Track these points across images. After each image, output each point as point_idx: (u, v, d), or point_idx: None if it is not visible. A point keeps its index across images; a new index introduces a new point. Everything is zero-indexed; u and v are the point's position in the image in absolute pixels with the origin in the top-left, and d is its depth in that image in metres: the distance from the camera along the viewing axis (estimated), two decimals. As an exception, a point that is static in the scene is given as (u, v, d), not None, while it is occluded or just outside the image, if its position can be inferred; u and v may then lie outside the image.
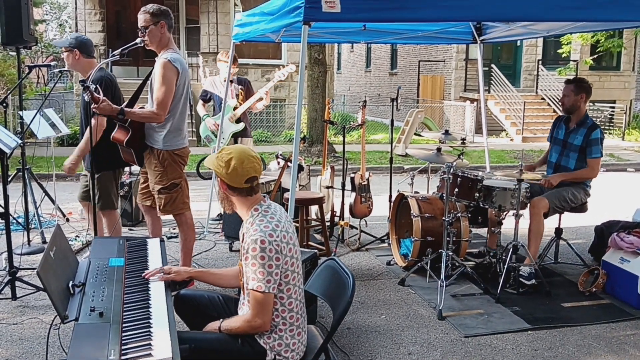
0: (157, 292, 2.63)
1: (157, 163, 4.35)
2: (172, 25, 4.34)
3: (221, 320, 2.67)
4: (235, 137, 6.45)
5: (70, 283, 2.59)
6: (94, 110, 4.11)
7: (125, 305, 2.48)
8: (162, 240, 3.31)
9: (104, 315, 2.36)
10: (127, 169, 9.19)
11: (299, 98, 3.99)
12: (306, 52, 3.97)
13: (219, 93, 6.53)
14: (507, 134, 16.93)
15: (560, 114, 5.36)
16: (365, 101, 6.19)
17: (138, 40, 4.25)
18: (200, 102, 6.75)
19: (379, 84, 24.27)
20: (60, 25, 28.48)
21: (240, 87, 6.55)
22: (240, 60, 17.63)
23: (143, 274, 2.78)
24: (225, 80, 6.34)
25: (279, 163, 5.80)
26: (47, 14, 28.07)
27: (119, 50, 4.18)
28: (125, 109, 4.20)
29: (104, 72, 4.58)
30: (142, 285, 2.70)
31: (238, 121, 6.41)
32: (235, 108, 6.38)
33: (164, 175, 4.35)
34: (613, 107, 18.16)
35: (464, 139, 5.23)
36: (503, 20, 5.45)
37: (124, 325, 2.32)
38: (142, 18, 4.24)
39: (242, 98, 6.49)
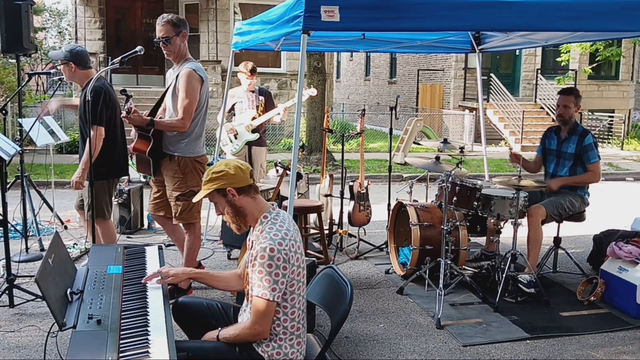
0: (155, 300, 2.63)
1: (177, 169, 4.39)
2: (187, 34, 4.44)
3: (219, 328, 2.67)
4: (250, 145, 6.50)
5: (69, 290, 2.59)
6: (123, 119, 4.21)
7: (123, 313, 2.48)
8: (160, 248, 3.31)
9: (102, 322, 2.36)
10: (125, 176, 9.24)
11: (298, 106, 4.00)
12: (305, 61, 3.99)
13: (239, 102, 6.59)
14: (506, 142, 16.95)
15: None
16: (364, 110, 6.21)
17: (138, 48, 4.24)
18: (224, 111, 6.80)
19: (378, 93, 24.33)
20: (60, 32, 28.54)
21: (261, 98, 6.61)
22: (239, 69, 17.60)
23: (142, 280, 2.78)
24: (246, 91, 6.52)
25: (277, 171, 5.81)
26: (46, 22, 28.13)
27: (119, 58, 4.18)
28: (154, 119, 4.29)
29: (102, 82, 4.56)
30: (140, 293, 2.70)
31: (254, 131, 6.48)
32: (253, 118, 6.45)
33: (183, 182, 4.39)
34: (612, 117, 18.20)
35: (462, 148, 5.23)
36: (501, 30, 5.48)
37: (121, 332, 2.32)
38: (163, 29, 4.27)
39: (262, 109, 6.55)
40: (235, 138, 6.42)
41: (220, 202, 2.68)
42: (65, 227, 6.73)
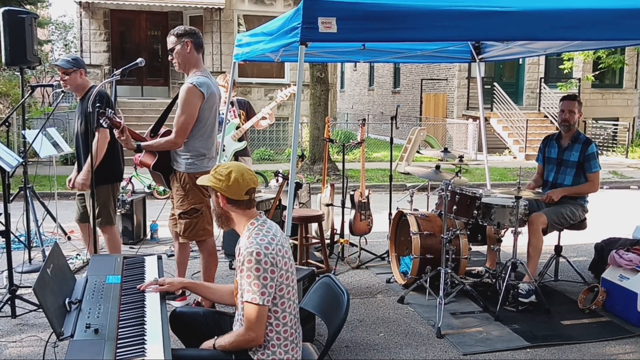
0: (153, 310, 2.65)
1: (178, 186, 4.30)
2: (200, 45, 4.31)
3: (215, 337, 2.68)
4: (236, 155, 6.52)
5: (67, 300, 2.62)
6: (117, 138, 4.19)
7: (120, 322, 2.50)
8: (159, 258, 3.33)
9: (99, 331, 2.38)
10: (129, 187, 9.30)
11: (296, 116, 4.03)
12: (303, 72, 4.03)
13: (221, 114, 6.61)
14: (510, 151, 16.94)
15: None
16: (364, 119, 6.24)
17: (139, 60, 4.29)
18: None
19: (382, 102, 24.38)
20: (66, 45, 28.77)
21: (241, 110, 6.65)
22: (244, 80, 17.70)
23: (138, 286, 2.82)
24: (225, 103, 6.42)
25: (277, 180, 5.83)
26: (52, 34, 28.35)
27: (120, 70, 4.23)
28: (142, 143, 4.23)
29: (100, 89, 4.60)
30: (138, 303, 2.72)
31: (240, 139, 6.51)
32: (238, 127, 6.47)
33: (184, 199, 4.27)
34: (616, 125, 18.18)
35: (461, 157, 5.25)
36: (499, 39, 5.50)
37: (118, 341, 2.34)
38: (169, 40, 4.28)
39: (244, 119, 6.59)
40: (223, 150, 6.41)
41: (214, 197, 2.76)
42: (69, 238, 6.76)
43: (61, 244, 6.45)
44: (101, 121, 3.98)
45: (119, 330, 2.43)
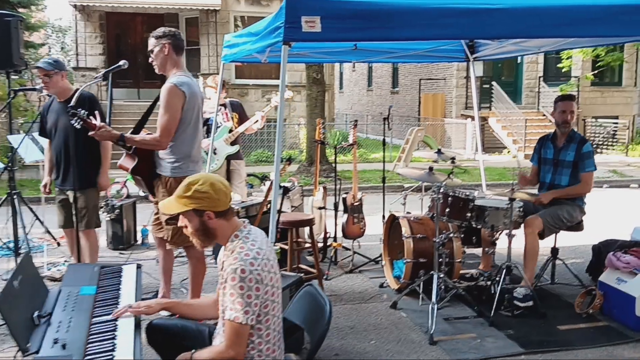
0: (125, 323, 2.53)
1: (164, 192, 4.17)
2: (180, 46, 4.21)
3: (193, 351, 2.56)
4: (229, 159, 6.42)
5: (37, 313, 2.51)
6: (93, 135, 4.00)
7: (90, 337, 2.40)
8: (139, 267, 3.22)
9: (67, 347, 2.27)
10: (124, 191, 9.19)
11: (280, 119, 3.94)
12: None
13: (211, 116, 6.50)
14: (509, 151, 16.83)
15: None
16: (356, 121, 6.16)
17: (121, 62, 4.19)
18: None
19: (380, 103, 24.25)
20: (62, 48, 28.71)
21: (234, 112, 6.55)
22: (241, 81, 17.58)
23: (112, 315, 2.60)
24: (217, 105, 6.33)
25: (264, 184, 5.74)
26: (49, 38, 28.28)
27: (102, 72, 4.14)
28: (126, 135, 4.09)
29: (85, 92, 4.45)
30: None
31: (233, 143, 6.40)
32: (230, 131, 6.37)
33: None
34: (616, 123, 18.06)
35: (453, 159, 5.14)
36: (490, 38, 5.40)
37: (86, 357, 2.24)
38: (149, 42, 4.21)
39: (237, 122, 6.49)
40: (215, 154, 6.30)
41: (193, 220, 2.56)
42: (58, 244, 6.65)
43: (51, 250, 6.37)
44: (72, 122, 3.83)
45: (88, 345, 2.33)
